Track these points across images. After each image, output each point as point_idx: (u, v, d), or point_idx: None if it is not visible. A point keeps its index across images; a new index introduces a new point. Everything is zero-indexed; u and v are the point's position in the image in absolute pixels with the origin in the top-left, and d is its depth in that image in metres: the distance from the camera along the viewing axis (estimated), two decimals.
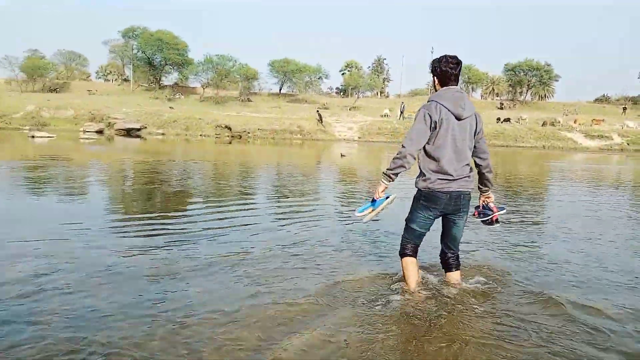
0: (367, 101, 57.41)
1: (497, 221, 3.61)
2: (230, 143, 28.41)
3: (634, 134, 36.51)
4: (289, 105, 48.75)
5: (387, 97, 76.53)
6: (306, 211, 7.11)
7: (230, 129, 33.55)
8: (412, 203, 3.50)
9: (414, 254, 3.54)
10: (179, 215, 6.66)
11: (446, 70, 3.28)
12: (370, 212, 3.54)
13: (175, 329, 3.01)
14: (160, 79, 56.91)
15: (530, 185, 12.28)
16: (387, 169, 3.32)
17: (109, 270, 4.03)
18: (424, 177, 3.33)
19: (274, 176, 12.85)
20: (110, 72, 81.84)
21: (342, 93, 76.50)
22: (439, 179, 3.28)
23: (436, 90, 3.39)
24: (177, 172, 12.02)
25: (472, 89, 70.34)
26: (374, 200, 3.52)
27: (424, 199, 3.37)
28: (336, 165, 16.29)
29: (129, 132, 31.68)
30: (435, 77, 3.37)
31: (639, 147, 34.76)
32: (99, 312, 3.22)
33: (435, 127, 3.23)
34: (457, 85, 3.34)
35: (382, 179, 3.38)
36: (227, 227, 5.81)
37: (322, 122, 35.68)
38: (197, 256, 4.51)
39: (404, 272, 3.58)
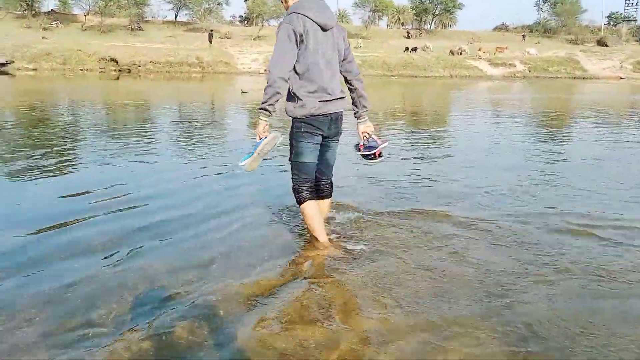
0: (273, 30, 54.01)
1: (380, 155, 3.20)
2: (117, 79, 24.96)
3: (534, 60, 37.32)
4: (186, 35, 44.20)
5: None
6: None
7: (116, 61, 29.59)
8: (292, 137, 3.04)
9: (312, 194, 3.09)
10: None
11: None
12: (251, 160, 2.97)
13: None
14: (32, 5, 49.17)
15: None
16: (262, 102, 2.86)
17: None
18: (300, 102, 2.90)
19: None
20: None
21: (245, 22, 71.75)
22: (319, 101, 2.91)
23: (287, 5, 3.01)
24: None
25: (379, 17, 69.01)
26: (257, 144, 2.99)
27: (307, 126, 2.95)
28: (234, 105, 14.30)
29: None
30: None
31: (539, 74, 35.65)
32: None
33: (302, 41, 2.85)
34: None
35: (260, 116, 2.91)
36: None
37: (211, 43, 33.48)
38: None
39: (307, 222, 3.13)
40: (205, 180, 4.94)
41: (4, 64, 27.36)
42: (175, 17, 54.36)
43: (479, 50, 38.92)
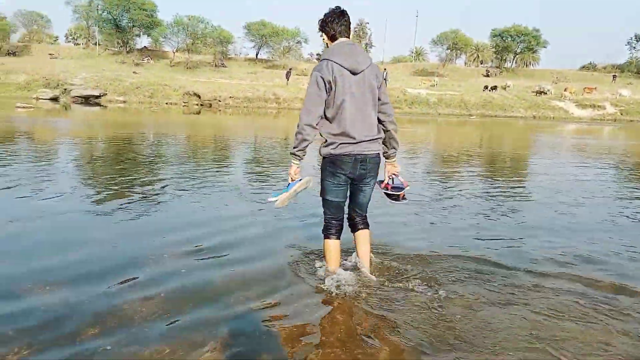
0: None
1: (404, 197, 3.31)
2: (199, 113, 25.94)
3: (627, 103, 34.89)
4: (266, 72, 45.82)
5: None
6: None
7: (199, 96, 30.88)
8: (321, 174, 3.20)
9: (338, 234, 3.26)
10: None
11: (331, 22, 3.02)
12: (283, 197, 3.19)
13: None
14: (127, 42, 53.19)
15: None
16: (293, 147, 3.07)
17: None
18: (325, 143, 3.06)
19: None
20: (80, 35, 76.97)
21: None
22: (341, 143, 3.01)
23: (327, 47, 3.12)
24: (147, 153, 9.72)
25: (456, 55, 68.13)
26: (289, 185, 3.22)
27: (329, 165, 3.10)
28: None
29: (87, 100, 28.93)
30: (324, 34, 3.10)
31: (633, 118, 33.19)
32: None
33: (331, 88, 2.95)
34: (348, 37, 3.07)
35: (292, 160, 3.12)
36: None
37: (288, 80, 35.10)
38: None
39: (324, 254, 3.34)
40: None
41: (98, 97, 29.31)
42: (257, 54, 56.67)
43: (565, 90, 36.99)
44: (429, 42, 62.40)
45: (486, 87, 37.86)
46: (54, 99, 28.66)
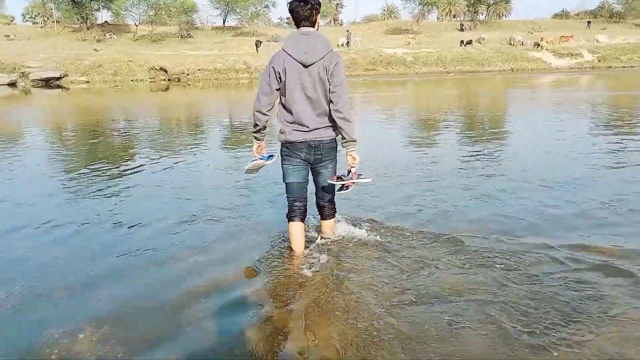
0: (321, 30, 52.53)
1: (347, 188, 3.30)
2: (167, 89, 24.69)
3: (604, 49, 34.39)
4: (235, 40, 43.95)
5: (341, 24, 71.90)
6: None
7: (166, 71, 29.40)
8: (280, 160, 3.40)
9: (302, 217, 3.46)
10: None
11: (293, 9, 3.11)
12: (250, 167, 3.52)
13: None
14: (87, 18, 50.42)
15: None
16: (252, 130, 3.35)
17: None
18: (281, 130, 3.25)
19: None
20: (38, 13, 72.75)
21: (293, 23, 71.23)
22: (294, 130, 3.19)
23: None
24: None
25: (429, 10, 66.60)
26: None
27: (285, 150, 3.30)
28: None
29: (47, 82, 27.33)
30: (291, 17, 3.16)
31: (611, 64, 32.79)
32: None
33: (282, 78, 3.10)
34: (312, 26, 3.15)
35: (253, 140, 3.40)
36: None
37: (258, 52, 33.86)
38: None
39: (289, 237, 3.53)
40: None
41: (58, 78, 27.72)
42: (224, 22, 54.44)
43: (541, 40, 36.20)
44: None
45: (462, 42, 36.95)
46: (12, 84, 27.01)
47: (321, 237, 3.65)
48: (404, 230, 3.89)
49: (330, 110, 3.15)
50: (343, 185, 3.28)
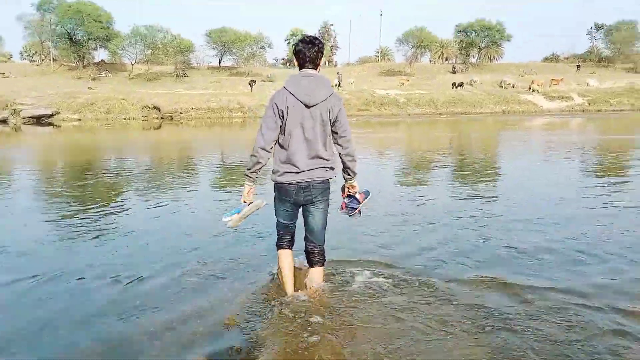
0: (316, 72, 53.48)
1: (360, 212, 3.47)
2: (159, 127, 24.59)
3: (595, 92, 34.86)
4: (230, 79, 44.41)
5: (336, 65, 73.09)
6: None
7: (159, 109, 29.40)
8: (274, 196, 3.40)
9: (289, 245, 3.47)
10: None
11: (300, 51, 3.14)
12: (235, 218, 3.32)
13: None
14: (84, 57, 50.96)
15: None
16: (247, 169, 3.28)
17: None
18: (274, 169, 3.25)
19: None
20: (36, 52, 73.55)
21: (288, 64, 72.23)
22: (285, 171, 3.17)
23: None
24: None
25: (421, 53, 67.87)
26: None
27: (276, 192, 3.32)
28: None
29: (39, 120, 27.19)
30: (295, 59, 3.21)
31: (600, 107, 33.16)
32: None
33: (284, 117, 3.09)
34: (315, 69, 3.17)
35: (245, 181, 3.31)
36: None
37: (252, 89, 34.56)
38: None
39: (278, 271, 3.53)
40: None
41: (50, 115, 27.63)
42: (220, 62, 55.16)
43: (532, 83, 36.72)
44: (394, 41, 61.70)
45: (454, 84, 37.43)
46: (3, 121, 26.86)
47: (309, 287, 3.45)
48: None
49: (338, 152, 3.27)
50: (355, 209, 3.45)
